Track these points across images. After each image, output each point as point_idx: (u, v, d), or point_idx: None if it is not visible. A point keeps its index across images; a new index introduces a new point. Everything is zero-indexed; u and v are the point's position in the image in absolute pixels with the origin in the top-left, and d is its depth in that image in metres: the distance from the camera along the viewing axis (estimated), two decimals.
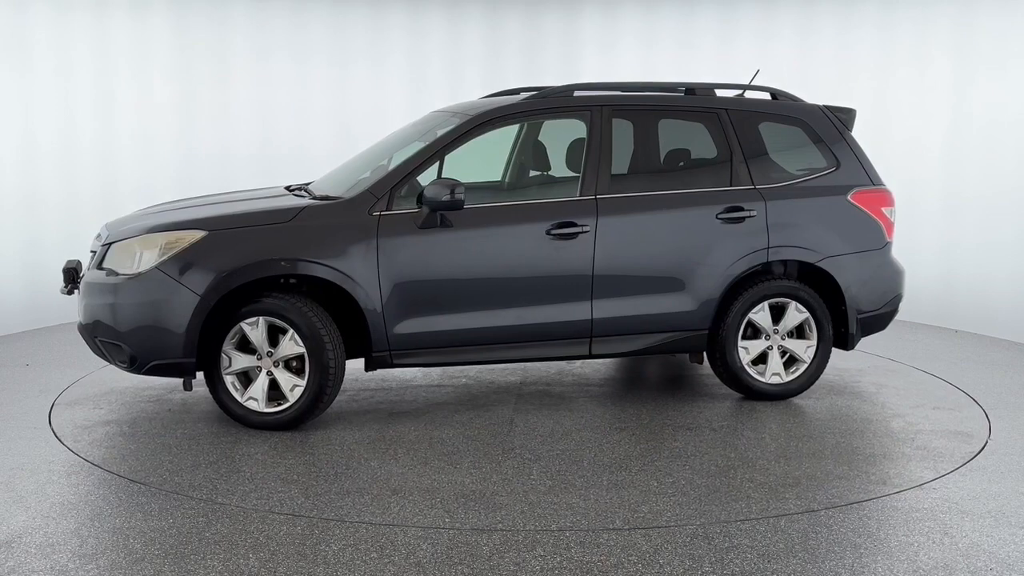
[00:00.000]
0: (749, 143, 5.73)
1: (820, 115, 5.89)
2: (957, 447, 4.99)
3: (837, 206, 5.76)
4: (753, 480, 4.44)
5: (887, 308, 5.94)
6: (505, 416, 5.47)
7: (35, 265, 8.44)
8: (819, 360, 5.77)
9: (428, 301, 5.26)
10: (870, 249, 5.80)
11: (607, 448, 4.89)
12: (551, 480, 4.43)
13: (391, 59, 9.70)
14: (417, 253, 5.22)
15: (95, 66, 8.71)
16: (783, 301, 5.69)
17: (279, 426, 5.12)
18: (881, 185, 5.89)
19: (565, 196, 5.63)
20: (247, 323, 5.06)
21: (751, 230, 5.60)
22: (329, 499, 4.16)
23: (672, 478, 4.44)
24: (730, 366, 5.66)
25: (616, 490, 4.29)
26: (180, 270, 4.99)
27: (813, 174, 5.80)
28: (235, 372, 5.13)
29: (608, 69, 9.50)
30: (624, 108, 5.76)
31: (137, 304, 5.03)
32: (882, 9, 8.88)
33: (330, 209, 5.25)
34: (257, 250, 5.06)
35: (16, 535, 3.76)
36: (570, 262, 5.38)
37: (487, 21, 9.80)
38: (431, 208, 5.14)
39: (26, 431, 5.17)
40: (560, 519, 3.96)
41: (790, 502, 4.16)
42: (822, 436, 5.14)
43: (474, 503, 4.14)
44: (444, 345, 5.32)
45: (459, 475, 4.51)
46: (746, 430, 5.24)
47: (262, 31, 9.45)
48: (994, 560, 3.59)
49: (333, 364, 5.07)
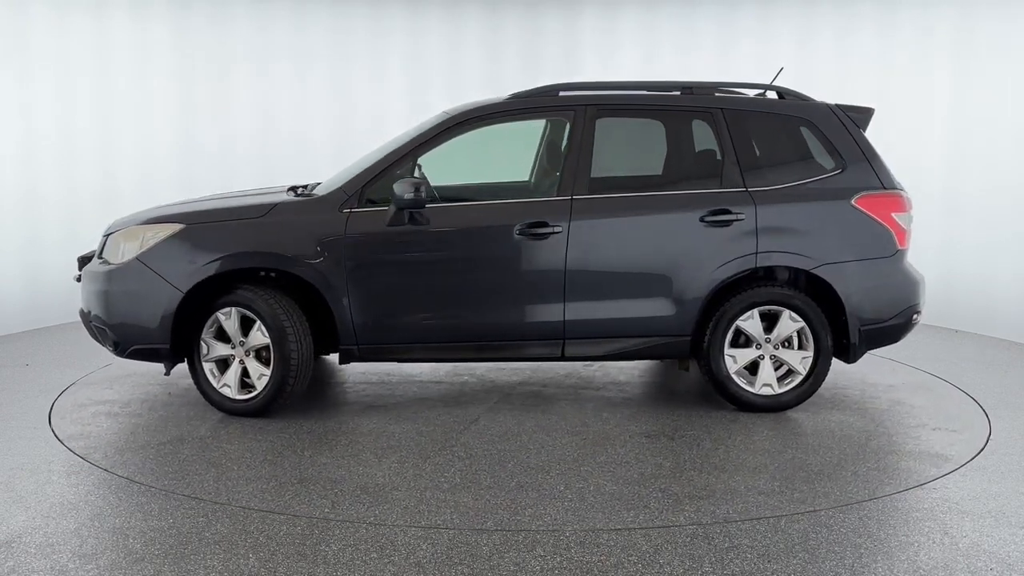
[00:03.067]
0: (743, 144, 5.49)
1: (828, 114, 5.58)
2: (957, 447, 4.99)
3: (838, 210, 5.43)
4: (656, 491, 4.29)
5: (897, 320, 5.53)
6: (474, 415, 5.50)
7: (35, 265, 8.45)
8: (816, 373, 5.48)
9: (394, 298, 5.35)
10: (876, 257, 5.46)
11: (546, 451, 4.84)
12: (458, 478, 4.44)
13: (391, 59, 9.71)
14: (384, 250, 5.32)
15: (95, 66, 8.71)
16: (776, 309, 5.44)
17: (248, 413, 5.36)
18: (894, 189, 5.53)
19: (545, 196, 5.58)
20: (222, 313, 5.32)
21: (738, 234, 5.36)
22: (327, 499, 4.17)
23: (583, 484, 4.36)
24: (715, 374, 5.46)
25: (514, 492, 4.25)
26: (157, 261, 5.29)
27: (814, 176, 5.50)
28: (213, 360, 5.38)
29: (608, 69, 9.50)
30: (611, 108, 5.61)
31: (120, 292, 5.39)
32: (882, 10, 8.88)
33: (302, 206, 5.43)
34: (228, 244, 5.30)
35: (16, 535, 3.76)
36: (541, 263, 5.33)
37: (487, 21, 9.80)
38: (397, 206, 5.22)
39: (26, 431, 5.17)
40: (432, 516, 3.97)
41: (792, 503, 4.17)
42: (821, 436, 5.14)
43: (361, 494, 4.22)
44: (411, 342, 5.42)
45: (370, 468, 4.59)
46: (710, 437, 5.16)
47: (262, 32, 9.45)
48: (994, 560, 3.59)
49: (295, 355, 5.24)
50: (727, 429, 5.22)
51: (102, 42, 8.75)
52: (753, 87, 5.82)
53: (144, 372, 6.50)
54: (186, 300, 5.26)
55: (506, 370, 6.58)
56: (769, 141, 5.58)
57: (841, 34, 9.03)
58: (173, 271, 5.27)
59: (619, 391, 6.08)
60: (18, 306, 8.27)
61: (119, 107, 8.85)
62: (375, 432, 5.16)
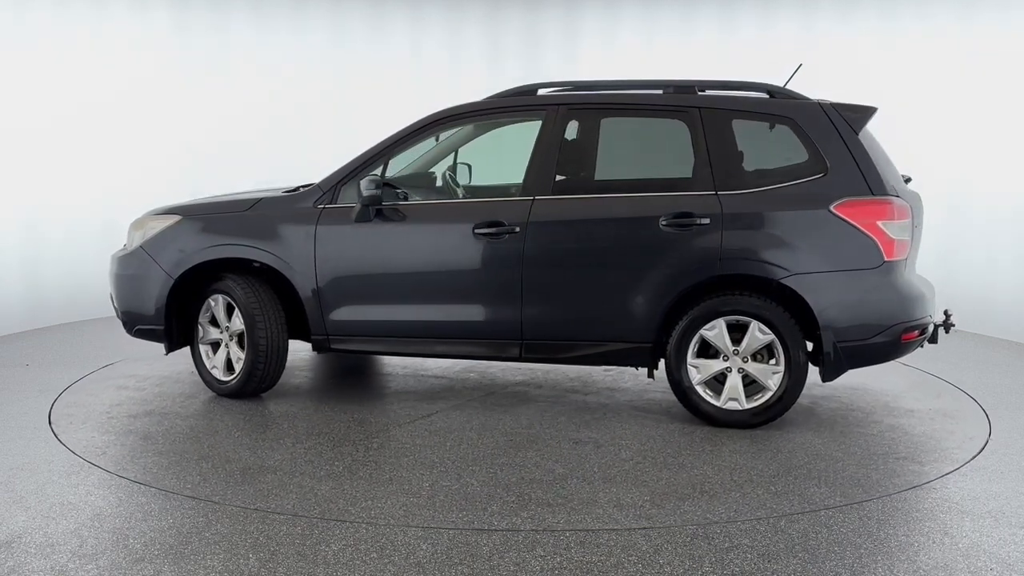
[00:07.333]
0: (719, 145, 5.16)
1: (816, 114, 5.15)
2: (957, 447, 4.99)
3: (815, 217, 5.00)
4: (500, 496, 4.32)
5: (883, 337, 5.01)
6: (433, 410, 5.58)
7: (35, 265, 8.45)
8: (787, 389, 5.08)
9: (359, 291, 5.53)
10: (858, 268, 4.97)
11: (463, 450, 4.83)
12: (339, 466, 4.57)
13: (391, 59, 9.71)
14: (350, 245, 5.52)
15: (95, 65, 8.71)
16: (745, 320, 5.08)
17: (228, 394, 5.77)
18: (883, 196, 5.00)
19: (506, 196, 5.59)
20: (212, 299, 5.75)
21: (701, 240, 5.06)
22: (329, 499, 4.17)
23: (447, 482, 4.35)
24: (677, 384, 5.23)
25: (380, 485, 4.30)
26: (156, 249, 5.77)
27: (793, 180, 5.09)
28: (208, 343, 5.83)
29: (608, 69, 9.50)
30: (582, 108, 5.46)
31: (126, 276, 5.92)
32: (882, 10, 8.88)
33: (283, 201, 5.72)
34: (213, 235, 5.72)
35: (16, 535, 3.76)
36: (498, 263, 5.32)
37: (487, 21, 9.80)
38: (360, 203, 5.41)
39: (26, 431, 5.17)
40: (276, 500, 4.12)
41: (793, 503, 4.17)
42: (820, 435, 5.14)
43: (243, 476, 4.45)
44: (376, 335, 5.58)
45: (274, 452, 4.81)
46: (710, 437, 5.16)
47: (262, 32, 9.45)
48: (994, 560, 3.59)
49: (264, 343, 5.58)
50: (727, 429, 5.21)
51: (102, 41, 8.76)
52: (753, 87, 5.55)
53: (144, 372, 6.51)
54: (177, 286, 5.70)
55: (510, 369, 6.58)
56: (748, 142, 5.25)
57: (841, 36, 9.02)
58: (167, 259, 5.73)
59: (614, 395, 6.08)
60: (18, 306, 8.27)
61: (119, 107, 8.85)
62: (332, 421, 5.19)
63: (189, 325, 5.89)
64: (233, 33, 9.36)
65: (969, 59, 8.42)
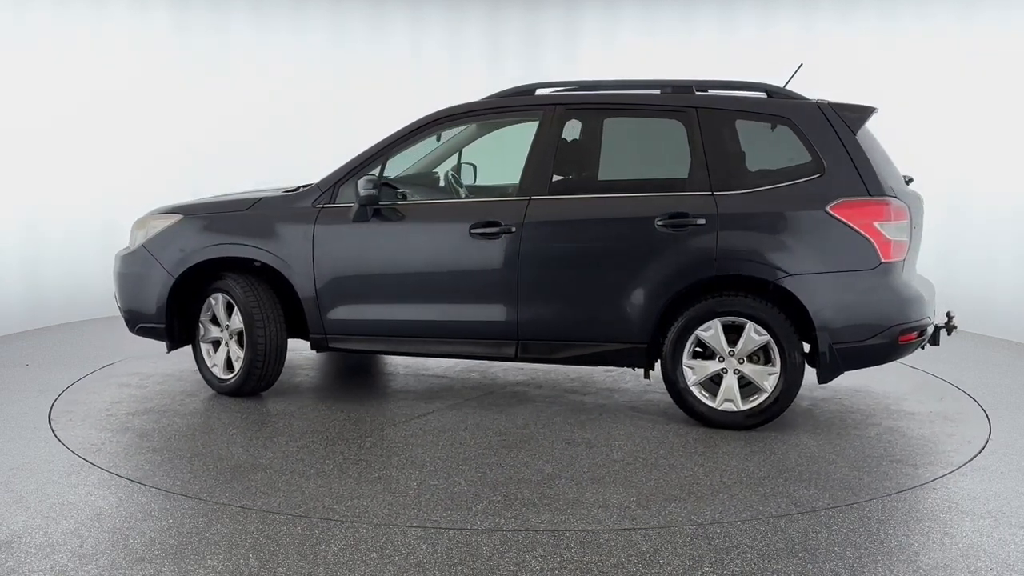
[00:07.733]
0: (715, 145, 5.14)
1: (813, 114, 5.12)
2: (957, 447, 4.99)
3: (811, 218, 4.98)
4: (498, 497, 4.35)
5: (879, 339, 4.98)
6: (430, 409, 5.59)
7: (35, 265, 8.45)
8: (783, 391, 5.06)
9: (357, 290, 5.54)
10: (855, 269, 4.94)
11: (454, 449, 4.83)
12: (328, 465, 4.58)
13: (391, 59, 9.70)
14: (347, 244, 5.53)
15: (95, 65, 8.71)
16: (740, 321, 5.06)
17: (228, 392, 5.78)
18: (882, 196, 4.96)
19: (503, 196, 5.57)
20: (212, 298, 5.78)
21: (697, 241, 5.04)
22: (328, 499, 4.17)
23: (435, 481, 4.35)
24: (672, 385, 5.21)
25: (368, 484, 4.32)
26: (157, 248, 5.81)
27: (789, 180, 5.06)
28: (209, 341, 5.85)
29: (608, 69, 9.50)
30: (580, 108, 5.48)
31: (128, 274, 5.96)
32: (882, 10, 8.88)
33: (282, 200, 5.73)
34: (213, 234, 5.75)
35: (16, 535, 3.76)
36: (494, 263, 5.32)
37: (487, 21, 9.79)
38: (357, 203, 5.44)
39: (26, 431, 5.17)
40: (264, 498, 4.14)
41: (788, 503, 4.16)
42: (820, 435, 5.13)
43: (233, 474, 4.49)
44: (373, 334, 5.58)
45: (267, 450, 4.82)
46: (707, 436, 5.14)
47: (262, 32, 9.45)
48: (994, 560, 3.59)
49: (262, 341, 5.60)
50: (722, 430, 5.21)
51: (102, 40, 8.75)
52: (752, 87, 5.51)
53: (147, 370, 6.51)
54: (178, 285, 5.73)
55: (512, 369, 6.58)
56: (745, 142, 5.23)
57: (841, 35, 9.02)
58: (168, 258, 5.76)
59: (612, 396, 6.07)
60: (18, 306, 8.27)
61: (119, 107, 8.85)
62: (322, 419, 5.19)
63: (191, 323, 5.91)
64: (233, 33, 9.36)
65: (969, 59, 8.41)
